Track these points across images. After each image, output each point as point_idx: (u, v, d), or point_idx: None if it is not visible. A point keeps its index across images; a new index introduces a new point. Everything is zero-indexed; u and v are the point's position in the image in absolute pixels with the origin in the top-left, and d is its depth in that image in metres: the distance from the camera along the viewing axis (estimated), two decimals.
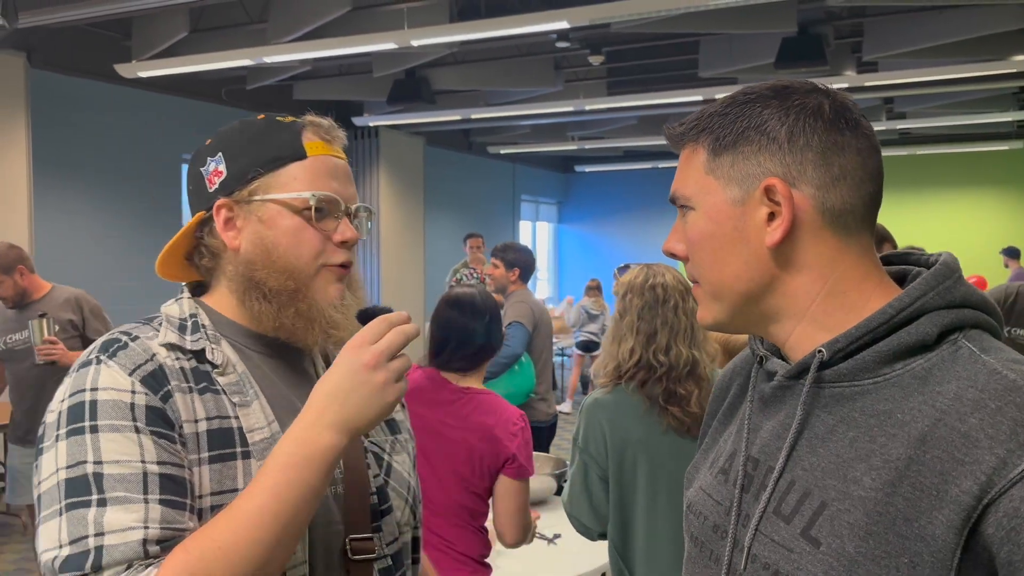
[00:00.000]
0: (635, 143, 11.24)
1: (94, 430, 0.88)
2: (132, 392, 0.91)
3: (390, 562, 1.07)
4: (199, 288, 1.10)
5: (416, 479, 1.18)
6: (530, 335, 4.14)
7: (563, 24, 5.17)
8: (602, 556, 2.43)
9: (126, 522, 0.85)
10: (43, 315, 3.53)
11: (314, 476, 0.88)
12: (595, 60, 7.49)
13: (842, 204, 0.82)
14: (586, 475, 2.08)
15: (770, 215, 0.83)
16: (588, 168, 14.44)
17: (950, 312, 0.80)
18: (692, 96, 7.61)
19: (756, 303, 0.86)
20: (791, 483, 0.81)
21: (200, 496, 0.92)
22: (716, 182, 0.86)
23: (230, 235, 1.03)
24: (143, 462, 0.88)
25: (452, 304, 2.34)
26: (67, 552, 0.84)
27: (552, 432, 4.44)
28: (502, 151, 12.22)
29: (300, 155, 1.03)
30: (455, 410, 2.20)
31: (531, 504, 2.36)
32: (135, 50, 6.46)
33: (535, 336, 4.20)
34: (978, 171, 12.07)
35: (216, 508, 0.91)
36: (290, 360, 1.07)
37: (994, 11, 5.97)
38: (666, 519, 2.04)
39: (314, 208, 1.01)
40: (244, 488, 0.89)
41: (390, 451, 1.13)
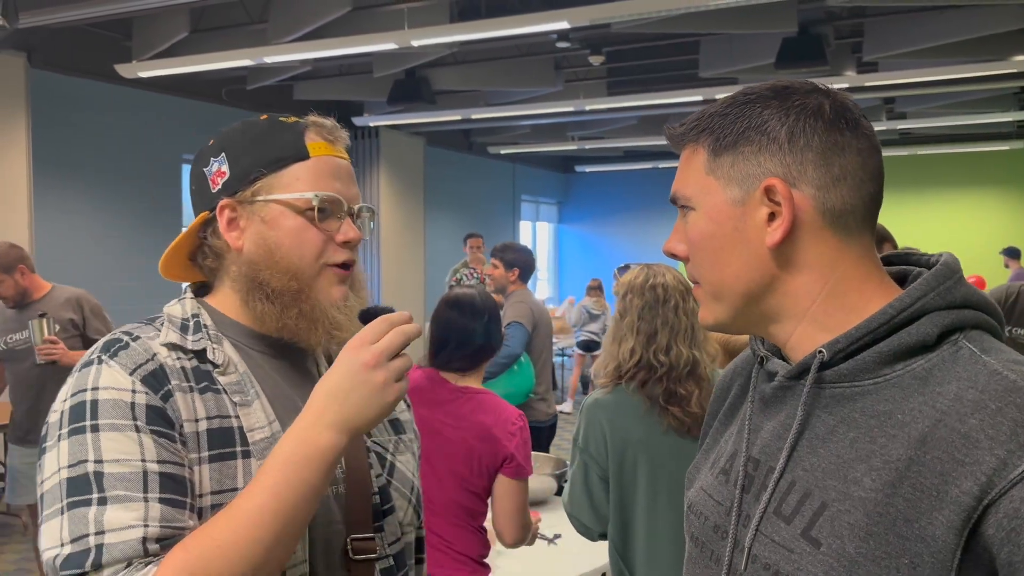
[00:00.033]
0: (635, 143, 11.24)
1: (95, 429, 0.89)
2: (132, 391, 0.92)
3: (392, 562, 1.07)
4: (202, 288, 1.10)
5: (419, 479, 1.18)
6: (529, 335, 4.13)
7: (563, 24, 5.17)
8: (602, 556, 2.43)
9: (126, 520, 0.85)
10: (43, 315, 3.53)
11: (314, 475, 0.88)
12: (595, 60, 7.50)
13: (843, 204, 0.82)
14: (586, 475, 2.09)
15: (770, 215, 0.83)
16: (588, 168, 14.44)
17: (951, 313, 0.80)
18: (692, 96, 7.61)
19: (757, 303, 0.86)
20: (792, 483, 0.81)
21: (200, 495, 0.92)
22: (716, 182, 0.86)
23: (233, 235, 1.03)
24: (143, 461, 0.88)
25: (452, 304, 2.34)
26: (68, 550, 0.84)
27: (552, 432, 4.44)
28: (502, 151, 12.22)
29: (303, 155, 1.03)
30: (453, 410, 2.21)
31: (531, 504, 2.36)
32: (135, 50, 6.47)
33: (534, 336, 4.20)
34: (978, 171, 12.07)
35: (216, 507, 0.91)
36: (293, 360, 1.08)
37: (994, 11, 5.97)
38: (666, 519, 2.04)
39: (317, 208, 1.02)
40: (244, 487, 0.89)
41: (393, 451, 1.14)
